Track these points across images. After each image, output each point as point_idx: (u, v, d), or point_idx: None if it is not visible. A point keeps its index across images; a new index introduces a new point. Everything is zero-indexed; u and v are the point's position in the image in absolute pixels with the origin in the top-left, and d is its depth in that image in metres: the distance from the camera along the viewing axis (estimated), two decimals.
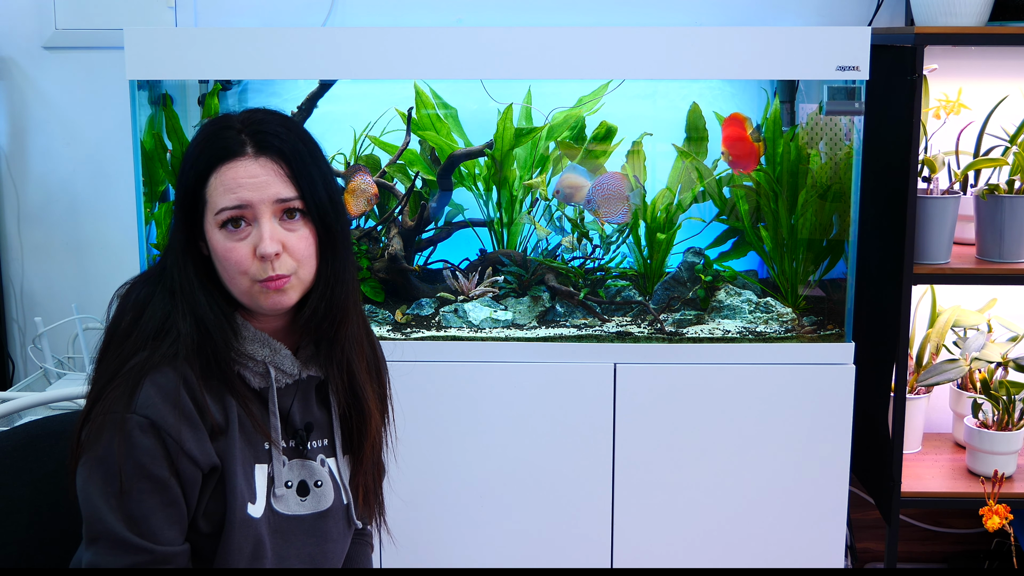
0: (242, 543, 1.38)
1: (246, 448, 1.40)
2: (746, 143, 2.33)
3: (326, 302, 1.41)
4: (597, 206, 2.35)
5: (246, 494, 1.39)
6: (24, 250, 2.73)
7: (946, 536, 2.80)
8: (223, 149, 1.37)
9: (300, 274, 1.39)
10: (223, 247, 1.36)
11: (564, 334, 2.34)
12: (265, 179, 1.36)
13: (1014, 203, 2.28)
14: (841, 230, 2.32)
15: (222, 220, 1.36)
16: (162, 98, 2.40)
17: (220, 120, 1.42)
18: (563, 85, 2.45)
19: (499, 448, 2.29)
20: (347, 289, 1.45)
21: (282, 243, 1.37)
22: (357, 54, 2.20)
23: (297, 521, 1.45)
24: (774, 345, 2.28)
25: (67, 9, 2.61)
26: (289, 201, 1.37)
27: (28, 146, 2.69)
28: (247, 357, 1.41)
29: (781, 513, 2.30)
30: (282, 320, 1.44)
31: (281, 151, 1.38)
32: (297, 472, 1.46)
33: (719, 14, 2.60)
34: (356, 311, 1.49)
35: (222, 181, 1.36)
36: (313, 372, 1.47)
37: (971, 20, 2.23)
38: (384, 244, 2.47)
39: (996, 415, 2.41)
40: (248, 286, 1.37)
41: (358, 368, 1.49)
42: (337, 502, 1.49)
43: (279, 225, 1.37)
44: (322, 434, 1.50)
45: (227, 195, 1.35)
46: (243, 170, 1.36)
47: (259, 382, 1.43)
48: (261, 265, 1.36)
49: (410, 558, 2.31)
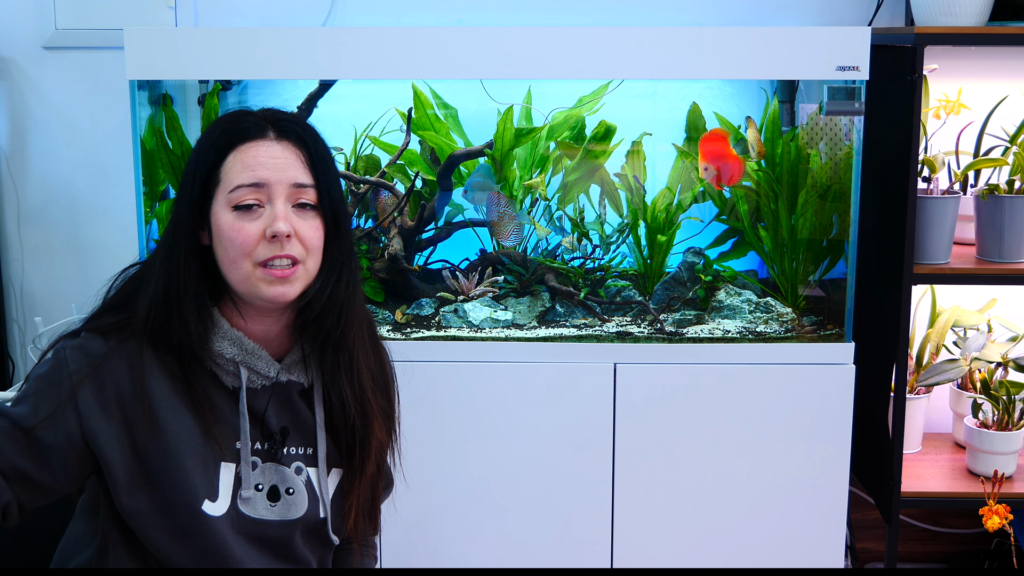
0: (196, 538, 1.36)
1: (208, 444, 1.37)
2: (730, 158, 2.33)
3: (328, 297, 1.39)
4: (494, 229, 2.40)
5: (200, 490, 1.36)
6: (24, 250, 2.73)
7: (946, 536, 2.80)
8: (244, 131, 1.37)
9: (308, 264, 1.38)
10: (231, 226, 1.34)
11: (564, 334, 2.34)
12: (285, 161, 1.36)
13: (1014, 203, 2.28)
14: (841, 230, 2.32)
15: (236, 199, 1.34)
16: (162, 98, 2.40)
17: (239, 111, 1.43)
18: (563, 85, 2.45)
19: (499, 448, 2.29)
20: (352, 290, 1.43)
21: (294, 228, 1.35)
22: (357, 54, 2.20)
23: (263, 525, 1.42)
24: (774, 345, 2.28)
25: (67, 9, 2.61)
26: (305, 188, 1.37)
27: (28, 146, 2.69)
28: (216, 354, 1.39)
29: (781, 513, 2.30)
30: (277, 325, 1.42)
31: (302, 139, 1.39)
32: (269, 476, 1.43)
33: (719, 14, 2.60)
34: (363, 318, 1.47)
35: (242, 159, 1.35)
36: (295, 377, 1.44)
37: (971, 20, 2.23)
38: (384, 244, 2.47)
39: (996, 415, 2.41)
40: (249, 271, 1.35)
41: (364, 378, 1.46)
42: (311, 514, 1.45)
43: (292, 212, 1.36)
44: (301, 441, 1.46)
45: (245, 172, 1.35)
46: (264, 150, 1.36)
47: (231, 381, 1.40)
48: (269, 246, 1.34)
49: (410, 558, 2.31)
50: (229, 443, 1.40)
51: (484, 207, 2.42)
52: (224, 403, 1.40)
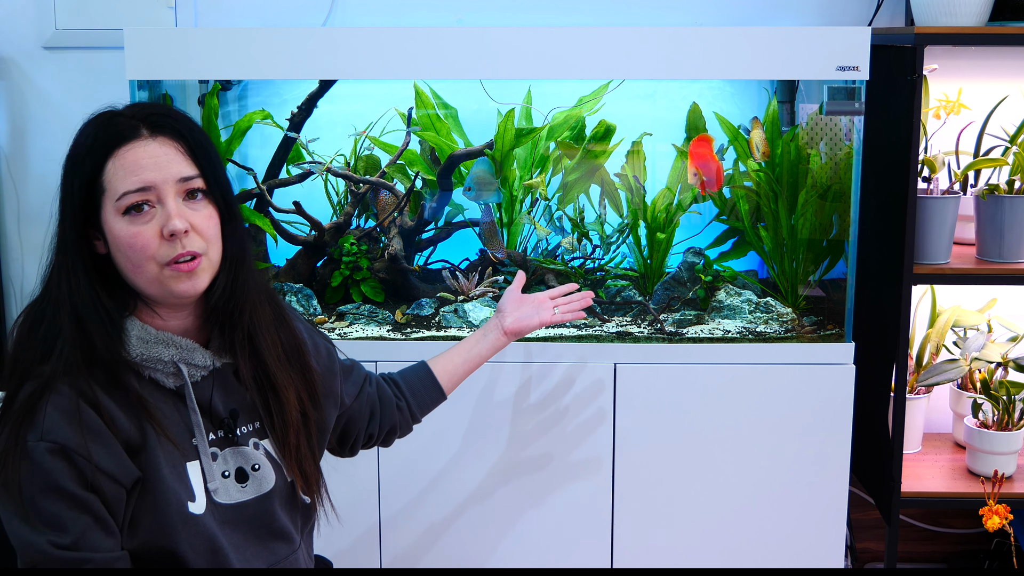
0: (194, 542, 1.37)
1: (172, 449, 1.38)
2: (713, 163, 2.33)
3: (231, 282, 1.40)
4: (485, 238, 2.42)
5: (183, 494, 1.37)
6: (24, 250, 2.73)
7: (946, 536, 2.80)
8: (117, 134, 1.35)
9: (210, 254, 1.37)
10: (127, 233, 1.33)
11: (564, 334, 2.34)
12: (165, 159, 1.34)
13: (1014, 203, 2.28)
14: (841, 230, 2.32)
15: (125, 206, 1.33)
16: (162, 98, 2.40)
17: (105, 112, 1.40)
18: (563, 85, 2.45)
19: (499, 448, 2.29)
20: (248, 271, 1.43)
21: (189, 223, 1.35)
22: (357, 54, 2.20)
23: (242, 508, 1.44)
24: (774, 345, 2.28)
25: (67, 9, 2.61)
26: (192, 180, 1.36)
27: (28, 146, 2.69)
28: (154, 360, 1.38)
29: (781, 513, 2.30)
30: (191, 316, 1.42)
31: (177, 130, 1.37)
32: (232, 460, 1.45)
33: (719, 14, 2.60)
34: (263, 296, 1.47)
35: (122, 164, 1.33)
36: (228, 359, 1.45)
37: (971, 20, 2.23)
38: (384, 244, 2.47)
39: (996, 415, 2.41)
40: (157, 272, 1.34)
41: (269, 356, 1.46)
42: (280, 482, 1.48)
43: (184, 205, 1.35)
44: (250, 417, 1.48)
45: (128, 178, 1.33)
46: (142, 151, 1.34)
47: (173, 382, 1.41)
48: (170, 245, 1.33)
49: (410, 558, 2.31)
50: (185, 442, 1.41)
51: (483, 204, 2.42)
52: (167, 405, 1.41)
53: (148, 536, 1.36)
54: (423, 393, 1.82)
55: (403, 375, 1.83)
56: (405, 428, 1.81)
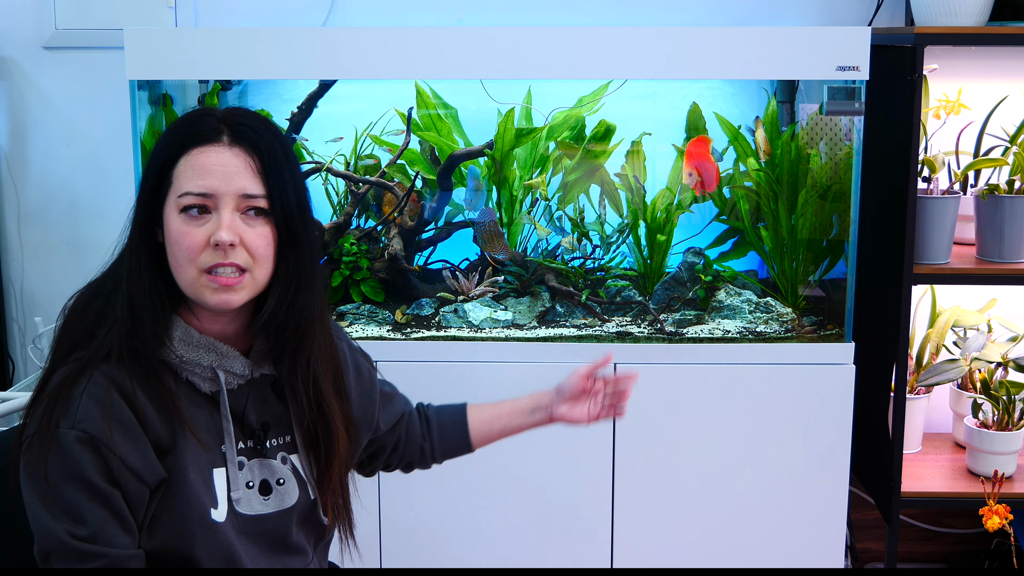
0: (211, 549, 1.37)
1: (200, 453, 1.38)
2: (709, 164, 2.33)
3: (287, 306, 1.38)
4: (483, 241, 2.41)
5: (206, 500, 1.37)
6: (24, 250, 2.73)
7: (946, 536, 2.80)
8: (199, 133, 1.35)
9: (256, 273, 1.36)
10: (178, 230, 1.33)
11: (564, 334, 2.34)
12: (235, 170, 1.34)
13: (1014, 203, 2.28)
14: (841, 230, 2.32)
15: (183, 204, 1.33)
16: (162, 98, 2.40)
17: (201, 109, 1.41)
18: (563, 85, 2.45)
19: (499, 448, 2.29)
20: (313, 299, 1.41)
21: (239, 236, 1.34)
22: (357, 54, 2.20)
23: (262, 520, 1.43)
24: (774, 345, 2.28)
25: (67, 9, 2.61)
26: (254, 199, 1.35)
27: (28, 146, 2.69)
28: (194, 364, 1.38)
29: (781, 513, 2.30)
30: (233, 324, 1.41)
31: (256, 145, 1.36)
32: (258, 472, 1.44)
33: (719, 14, 2.60)
34: (323, 326, 1.46)
35: (192, 164, 1.33)
36: (267, 370, 1.44)
37: (971, 20, 2.23)
38: (384, 244, 2.47)
39: (996, 415, 2.41)
40: (195, 277, 1.34)
41: (325, 387, 1.45)
42: (303, 499, 1.47)
43: (240, 219, 1.34)
44: (281, 431, 1.47)
45: (194, 179, 1.33)
46: (215, 156, 1.34)
47: (209, 387, 1.40)
48: (213, 252, 1.32)
49: (410, 558, 2.31)
50: (214, 448, 1.41)
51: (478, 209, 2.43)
52: (200, 409, 1.40)
53: (167, 538, 1.36)
54: (451, 441, 1.78)
55: (439, 415, 1.79)
56: (423, 465, 1.79)
